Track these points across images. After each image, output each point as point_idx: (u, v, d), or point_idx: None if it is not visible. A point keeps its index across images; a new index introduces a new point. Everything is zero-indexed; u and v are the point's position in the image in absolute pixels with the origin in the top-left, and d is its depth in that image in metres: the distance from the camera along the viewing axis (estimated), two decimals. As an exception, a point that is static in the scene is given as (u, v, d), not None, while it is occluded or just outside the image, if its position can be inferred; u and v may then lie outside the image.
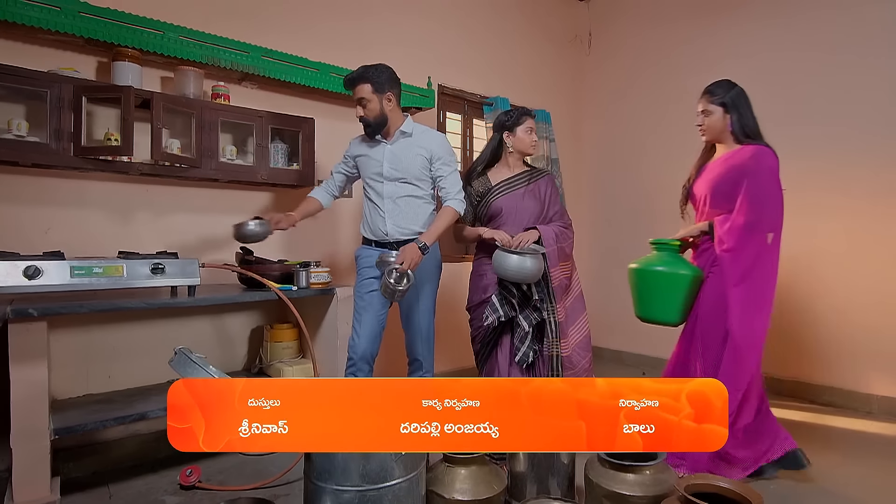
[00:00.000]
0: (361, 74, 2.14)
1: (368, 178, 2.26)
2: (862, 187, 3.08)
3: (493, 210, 2.25)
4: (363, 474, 1.44)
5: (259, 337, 2.68)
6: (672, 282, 2.04)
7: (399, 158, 2.20)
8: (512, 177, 2.32)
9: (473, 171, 2.35)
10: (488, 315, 2.18)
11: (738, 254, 1.97)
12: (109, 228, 2.31)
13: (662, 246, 2.13)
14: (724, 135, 2.08)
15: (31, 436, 1.75)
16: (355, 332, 2.21)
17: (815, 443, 2.59)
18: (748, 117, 2.04)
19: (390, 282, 1.97)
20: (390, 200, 2.21)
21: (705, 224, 2.08)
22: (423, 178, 2.22)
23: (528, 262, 2.10)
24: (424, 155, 2.19)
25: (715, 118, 2.06)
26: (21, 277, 1.71)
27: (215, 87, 2.45)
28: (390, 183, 2.21)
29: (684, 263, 2.07)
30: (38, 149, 1.97)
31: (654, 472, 1.68)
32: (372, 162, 2.24)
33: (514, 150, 2.32)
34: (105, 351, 2.29)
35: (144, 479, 2.20)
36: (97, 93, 2.08)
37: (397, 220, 2.21)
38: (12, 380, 1.71)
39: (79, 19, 2.06)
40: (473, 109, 3.81)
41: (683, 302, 2.08)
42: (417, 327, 2.26)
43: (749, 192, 1.94)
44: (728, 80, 2.09)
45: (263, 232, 2.17)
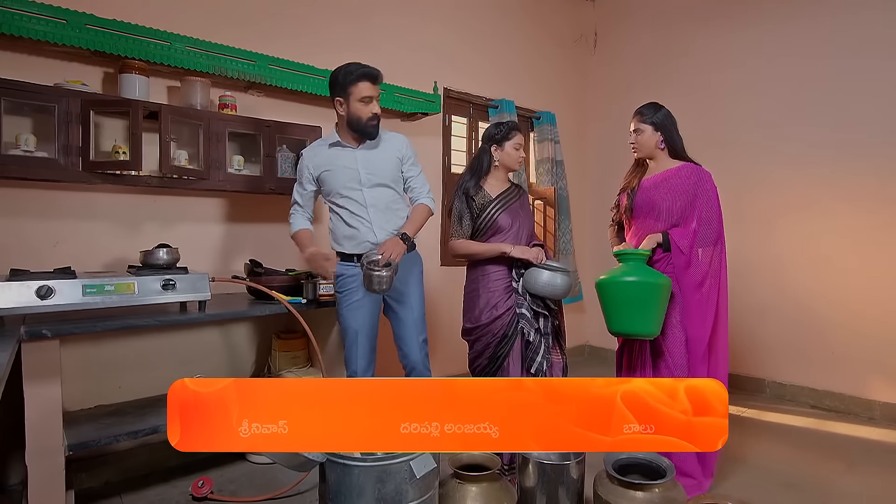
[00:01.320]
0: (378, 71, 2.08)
1: (343, 188, 2.11)
2: (867, 195, 3.09)
3: (499, 224, 2.21)
4: (378, 497, 1.45)
5: (267, 345, 2.70)
6: (648, 291, 1.97)
7: (374, 164, 2.13)
8: (506, 190, 2.29)
9: (471, 183, 2.25)
10: (525, 330, 2.15)
11: (697, 262, 2.11)
12: (118, 240, 2.31)
13: (629, 256, 2.07)
14: (654, 152, 2.23)
15: (45, 453, 1.76)
16: (349, 357, 2.14)
17: (819, 451, 2.63)
18: (676, 136, 2.23)
19: (374, 272, 1.91)
20: (374, 208, 2.12)
21: (658, 236, 2.15)
22: (396, 179, 2.18)
23: (565, 279, 2.15)
24: (397, 156, 2.17)
25: (646, 136, 2.21)
26: (34, 297, 1.71)
27: (222, 97, 2.43)
28: (370, 189, 2.12)
29: (655, 272, 2.04)
30: (46, 164, 1.96)
31: (664, 490, 1.70)
32: (345, 171, 2.11)
33: (501, 165, 2.28)
34: (115, 362, 2.30)
35: (156, 489, 2.22)
36: (105, 107, 2.07)
37: (384, 226, 2.13)
38: (26, 398, 1.72)
39: (85, 32, 2.04)
40: (479, 112, 3.79)
41: (660, 312, 2.03)
42: (412, 336, 2.19)
43: (703, 209, 2.12)
44: (655, 103, 2.26)
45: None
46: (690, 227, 2.12)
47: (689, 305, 2.11)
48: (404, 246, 2.04)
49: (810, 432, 2.89)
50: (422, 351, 2.21)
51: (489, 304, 2.17)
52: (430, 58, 3.42)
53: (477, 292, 2.22)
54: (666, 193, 2.17)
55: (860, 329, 3.11)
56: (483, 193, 2.23)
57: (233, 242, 2.64)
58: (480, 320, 2.18)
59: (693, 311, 2.11)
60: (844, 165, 3.16)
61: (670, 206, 2.16)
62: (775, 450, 2.63)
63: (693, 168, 2.18)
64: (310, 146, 2.22)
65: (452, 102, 3.61)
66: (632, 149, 2.27)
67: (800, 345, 3.35)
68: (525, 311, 2.16)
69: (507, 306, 2.18)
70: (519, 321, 2.17)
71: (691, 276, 2.10)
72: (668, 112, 2.23)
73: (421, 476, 1.48)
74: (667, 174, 2.21)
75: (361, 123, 2.06)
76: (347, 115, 2.07)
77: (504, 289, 2.19)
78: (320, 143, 2.20)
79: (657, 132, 2.20)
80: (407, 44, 3.30)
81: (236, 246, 2.64)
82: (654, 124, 2.20)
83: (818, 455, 2.58)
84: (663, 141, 2.21)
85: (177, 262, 2.14)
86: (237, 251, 2.64)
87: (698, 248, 2.11)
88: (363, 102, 2.04)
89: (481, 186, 2.24)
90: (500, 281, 2.19)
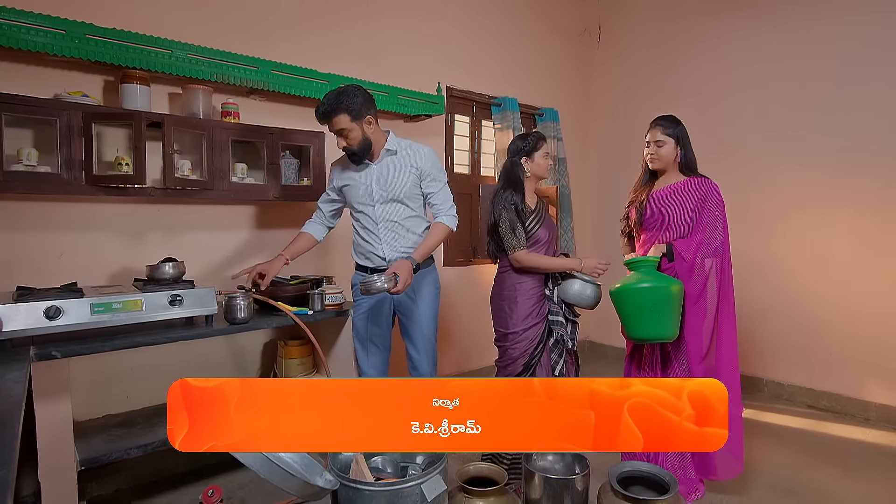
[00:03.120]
0: (335, 106, 1.99)
1: (357, 203, 2.16)
2: (870, 199, 3.09)
3: (538, 236, 2.25)
4: (390, 517, 1.48)
5: (272, 350, 2.71)
6: (663, 295, 2.02)
7: (387, 179, 2.12)
8: (538, 203, 2.33)
9: (517, 197, 2.25)
10: (562, 336, 2.24)
11: (698, 271, 2.14)
12: (122, 251, 2.30)
13: (640, 264, 2.11)
14: (670, 165, 2.24)
15: (58, 470, 1.78)
16: (363, 364, 2.18)
17: (816, 454, 2.68)
18: (690, 151, 2.25)
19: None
20: (384, 224, 2.14)
21: (663, 246, 2.19)
22: (413, 196, 2.16)
23: (595, 290, 2.25)
24: (414, 172, 2.14)
25: (668, 149, 2.21)
26: (42, 318, 1.71)
27: (224, 104, 2.40)
28: (382, 206, 2.13)
29: (667, 277, 2.09)
30: (49, 180, 1.94)
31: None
32: (359, 186, 2.14)
33: (532, 175, 2.30)
34: (122, 372, 2.31)
35: (165, 496, 2.26)
36: (108, 119, 2.04)
37: (394, 243, 2.15)
38: (38, 417, 1.73)
39: (84, 42, 2.00)
40: (482, 110, 3.75)
41: (677, 313, 2.09)
42: (422, 350, 2.23)
43: (708, 220, 2.16)
44: (673, 116, 2.26)
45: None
46: (696, 237, 2.16)
47: (688, 313, 2.15)
48: (412, 275, 2.04)
49: (807, 434, 2.94)
50: (430, 367, 2.25)
51: (526, 312, 2.22)
52: (433, 56, 3.37)
53: (514, 300, 2.25)
54: (676, 205, 2.21)
55: (859, 332, 3.14)
56: (526, 206, 2.27)
57: (238, 250, 2.63)
58: (518, 326, 2.23)
59: (692, 319, 2.15)
60: (848, 169, 3.16)
61: (679, 218, 2.19)
62: (773, 453, 2.68)
63: (702, 181, 2.21)
64: (340, 158, 2.24)
65: (455, 101, 3.57)
66: (650, 160, 2.26)
67: (799, 346, 3.39)
68: (560, 319, 2.26)
69: (543, 314, 2.25)
70: (553, 328, 2.25)
71: (693, 285, 2.14)
72: (684, 127, 2.25)
73: (432, 499, 1.51)
74: (676, 187, 2.23)
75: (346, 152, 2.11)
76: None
77: (539, 297, 2.26)
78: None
79: (677, 146, 2.21)
80: (409, 43, 3.24)
81: (242, 254, 2.64)
82: (675, 137, 2.20)
83: (815, 459, 2.63)
84: (681, 155, 2.22)
85: (183, 276, 2.14)
86: (243, 259, 2.63)
87: (702, 258, 2.14)
88: (336, 135, 2.06)
89: (525, 200, 2.27)
90: (536, 289, 2.25)
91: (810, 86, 3.29)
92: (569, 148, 4.21)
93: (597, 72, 4.48)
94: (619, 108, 4.30)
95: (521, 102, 3.82)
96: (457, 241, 3.59)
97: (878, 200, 3.06)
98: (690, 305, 2.16)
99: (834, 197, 3.21)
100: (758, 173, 3.50)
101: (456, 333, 3.58)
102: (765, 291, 3.49)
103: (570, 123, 4.29)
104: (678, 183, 2.23)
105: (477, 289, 3.58)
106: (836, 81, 3.19)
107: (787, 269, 3.41)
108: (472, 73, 3.61)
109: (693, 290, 2.15)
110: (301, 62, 2.63)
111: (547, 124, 4.03)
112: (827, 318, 3.26)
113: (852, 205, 3.15)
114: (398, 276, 1.98)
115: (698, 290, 2.15)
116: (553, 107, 4.06)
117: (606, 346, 4.40)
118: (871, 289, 3.10)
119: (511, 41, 3.86)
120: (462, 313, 3.59)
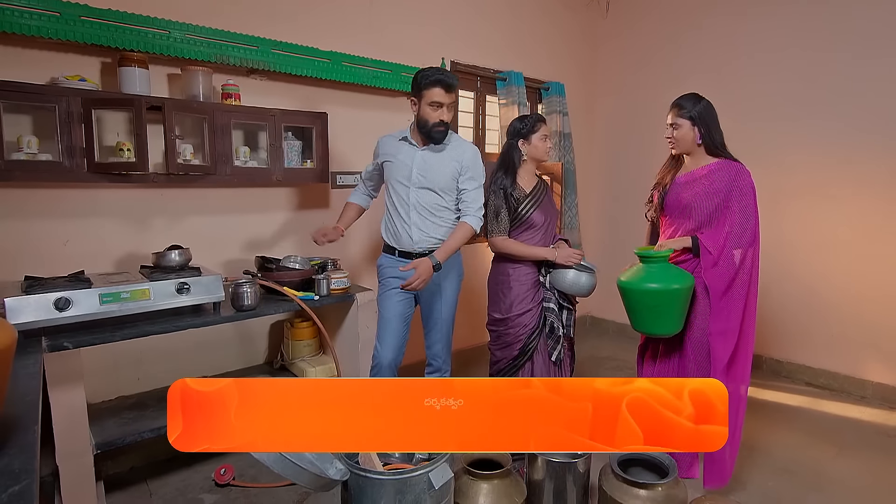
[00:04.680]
0: (456, 80, 2.12)
1: (394, 181, 2.21)
2: (879, 182, 3.06)
3: (533, 221, 2.24)
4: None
5: (279, 331, 2.74)
6: (668, 297, 2.00)
7: (430, 167, 2.15)
8: (536, 186, 2.30)
9: (507, 181, 2.25)
10: (555, 324, 2.24)
11: (727, 263, 2.02)
12: (127, 236, 2.30)
13: (650, 258, 2.05)
14: (692, 147, 2.11)
15: (75, 454, 1.83)
16: (380, 342, 2.25)
17: (813, 433, 2.74)
18: (716, 130, 2.08)
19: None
20: (415, 209, 2.18)
21: (688, 239, 2.08)
22: (450, 188, 2.18)
23: (590, 279, 2.25)
24: (456, 167, 2.16)
25: (684, 131, 2.08)
26: (52, 310, 1.72)
27: (225, 85, 2.35)
28: (416, 190, 2.17)
29: (676, 275, 2.02)
30: (51, 168, 1.92)
31: (666, 488, 1.79)
32: (400, 166, 2.19)
33: (529, 158, 2.27)
34: (133, 355, 2.35)
35: (180, 474, 2.33)
36: (107, 105, 2.01)
37: (423, 228, 2.19)
38: (53, 406, 1.77)
39: (80, 24, 1.94)
40: (486, 85, 3.67)
41: (681, 313, 2.06)
42: (439, 334, 2.32)
43: (738, 209, 2.01)
44: (695, 94, 2.11)
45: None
46: (723, 228, 2.03)
47: (716, 305, 2.04)
48: (432, 275, 2.08)
49: (804, 412, 3.00)
50: (445, 351, 2.34)
51: (520, 297, 2.24)
52: (436, 31, 3.28)
53: (508, 285, 2.27)
54: (699, 192, 2.08)
55: (860, 312, 3.16)
56: (518, 189, 2.25)
57: (244, 233, 2.63)
58: (511, 312, 2.25)
59: (720, 311, 2.03)
60: (858, 152, 3.11)
61: (702, 206, 2.06)
62: (769, 431, 2.74)
63: (730, 165, 2.06)
64: (389, 134, 2.31)
65: (460, 76, 3.48)
66: (668, 144, 2.15)
67: (800, 324, 3.42)
68: (552, 306, 2.26)
69: (537, 300, 2.27)
70: (546, 315, 2.26)
71: (720, 277, 2.02)
72: (708, 104, 2.08)
73: (439, 486, 1.55)
74: (702, 171, 2.09)
75: (427, 127, 2.12)
76: (417, 116, 2.14)
77: (533, 283, 2.27)
78: (396, 133, 2.27)
79: (695, 127, 2.06)
80: (412, 18, 3.14)
81: (247, 236, 2.63)
82: (692, 118, 2.06)
83: (811, 437, 2.69)
84: (701, 136, 2.07)
85: (189, 262, 2.14)
86: (248, 241, 2.63)
87: (732, 250, 2.01)
88: (432, 107, 2.09)
89: (517, 183, 2.24)
90: (529, 275, 2.27)
91: (825, 66, 3.20)
92: (574, 123, 4.14)
93: (605, 44, 4.35)
94: (627, 82, 4.20)
95: (527, 76, 3.74)
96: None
97: (887, 184, 3.03)
98: (716, 301, 2.03)
99: (842, 179, 3.18)
100: (767, 153, 3.44)
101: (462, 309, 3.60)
102: (768, 270, 3.47)
103: (577, 98, 4.20)
104: (702, 168, 2.09)
105: (481, 268, 3.59)
106: (851, 64, 3.11)
107: (793, 248, 3.41)
108: (476, 47, 3.51)
109: (719, 285, 2.02)
110: (302, 40, 2.56)
111: (552, 98, 3.95)
112: (829, 298, 3.28)
113: (860, 187, 3.12)
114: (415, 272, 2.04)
115: (725, 283, 2.01)
116: (559, 80, 3.97)
117: (608, 321, 4.44)
118: (874, 270, 3.10)
119: (516, 12, 3.74)
120: (467, 290, 3.59)
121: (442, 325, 2.31)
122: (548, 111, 3.97)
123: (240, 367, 2.66)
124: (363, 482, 1.53)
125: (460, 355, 3.69)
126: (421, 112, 2.11)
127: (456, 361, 3.62)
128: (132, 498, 2.17)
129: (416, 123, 2.16)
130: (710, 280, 2.03)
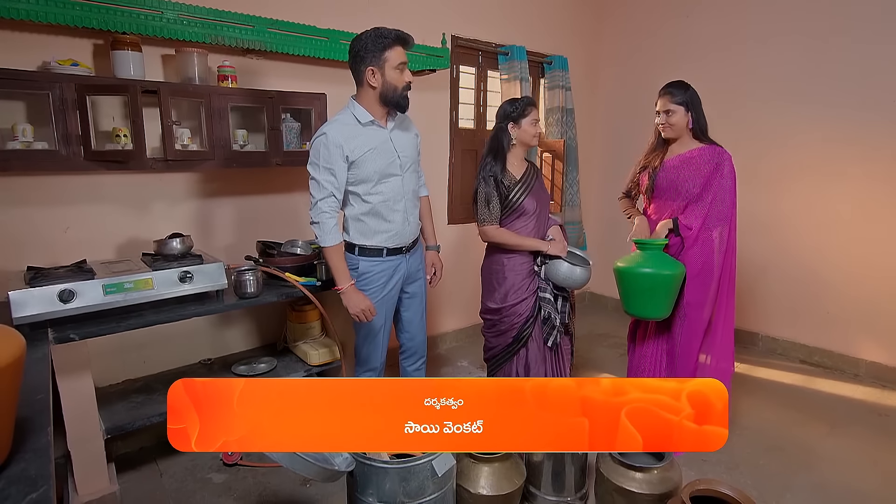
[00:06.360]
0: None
1: (384, 175, 1.91)
2: (882, 161, 3.02)
3: (524, 208, 2.20)
4: (402, 493, 1.58)
5: (282, 316, 2.77)
6: (661, 282, 2.14)
7: (405, 144, 1.99)
8: (526, 171, 2.26)
9: (497, 167, 2.20)
10: (551, 314, 2.25)
11: (705, 239, 2.17)
12: (127, 222, 2.29)
13: (647, 245, 2.19)
14: (683, 132, 2.23)
15: (86, 440, 1.88)
16: (374, 349, 2.13)
17: (805, 410, 2.81)
18: (702, 117, 2.22)
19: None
20: (407, 196, 2.00)
21: (669, 222, 2.23)
22: (418, 162, 2.11)
23: (584, 271, 2.26)
24: (416, 138, 2.09)
25: (678, 117, 2.19)
26: (56, 302, 1.73)
27: (220, 67, 2.29)
28: (407, 175, 1.99)
29: (668, 262, 2.16)
30: (47, 156, 1.89)
31: (662, 471, 1.85)
32: (386, 155, 1.91)
33: (518, 143, 2.23)
34: (138, 339, 2.37)
35: (189, 454, 2.38)
36: (101, 91, 1.96)
37: (410, 216, 2.03)
38: (62, 394, 1.80)
39: (70, 7, 1.87)
40: (488, 60, 3.58)
41: (671, 297, 2.21)
42: (420, 326, 2.25)
43: (717, 189, 2.15)
44: (683, 81, 2.22)
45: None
46: (703, 207, 2.18)
47: (691, 277, 2.20)
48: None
49: (797, 389, 3.06)
50: (422, 332, 2.28)
51: (515, 287, 2.24)
52: (437, 5, 3.18)
53: (503, 274, 2.26)
54: (688, 174, 2.21)
55: (857, 292, 3.19)
56: (509, 176, 2.21)
57: (244, 216, 2.62)
58: (507, 302, 2.25)
59: (694, 291, 2.21)
60: (861, 132, 3.07)
61: (691, 187, 2.21)
62: (762, 409, 2.80)
63: (715, 150, 2.20)
64: (332, 123, 1.87)
65: (460, 52, 3.40)
66: (662, 130, 2.24)
67: (797, 302, 3.45)
68: (548, 296, 2.27)
69: (532, 290, 2.26)
70: (541, 305, 2.27)
71: (697, 255, 2.19)
72: (694, 91, 2.20)
73: (442, 474, 1.60)
74: (688, 156, 2.22)
75: (397, 94, 1.85)
76: (382, 86, 1.84)
77: (528, 272, 2.26)
78: (345, 120, 1.88)
79: (688, 113, 2.18)
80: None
81: (248, 219, 2.62)
82: (685, 104, 2.18)
83: (803, 415, 2.76)
84: (692, 121, 2.19)
85: (191, 250, 2.14)
86: (249, 225, 2.62)
87: (709, 229, 2.17)
88: (399, 69, 1.84)
89: (507, 170, 2.21)
90: (525, 265, 2.27)
91: (831, 41, 3.12)
92: (577, 98, 4.06)
93: (610, 17, 4.23)
94: (632, 57, 4.10)
95: (529, 50, 3.64)
96: (461, 199, 3.55)
97: (889, 163, 3.00)
98: (692, 277, 2.20)
99: (845, 159, 3.14)
100: (770, 131, 3.40)
101: (455, 291, 3.63)
102: (767, 248, 3.51)
103: (580, 72, 4.11)
104: (690, 152, 2.22)
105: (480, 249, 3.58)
106: (857, 46, 3.03)
107: (792, 227, 3.41)
108: (477, 20, 3.41)
109: (697, 262, 2.19)
110: (299, 19, 2.49)
111: (555, 73, 3.86)
112: (827, 277, 3.30)
113: (864, 166, 3.09)
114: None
115: (703, 260, 2.18)
116: (562, 54, 3.87)
117: (607, 297, 4.48)
118: (873, 250, 3.11)
119: (519, -18, 3.62)
120: (466, 270, 3.62)
121: (423, 317, 2.26)
122: (550, 86, 3.89)
123: (243, 349, 2.70)
124: (368, 470, 1.58)
125: (451, 338, 3.74)
126: (386, 78, 1.83)
127: (446, 345, 3.67)
128: (143, 477, 2.24)
129: (380, 94, 1.85)
130: (689, 256, 2.19)
